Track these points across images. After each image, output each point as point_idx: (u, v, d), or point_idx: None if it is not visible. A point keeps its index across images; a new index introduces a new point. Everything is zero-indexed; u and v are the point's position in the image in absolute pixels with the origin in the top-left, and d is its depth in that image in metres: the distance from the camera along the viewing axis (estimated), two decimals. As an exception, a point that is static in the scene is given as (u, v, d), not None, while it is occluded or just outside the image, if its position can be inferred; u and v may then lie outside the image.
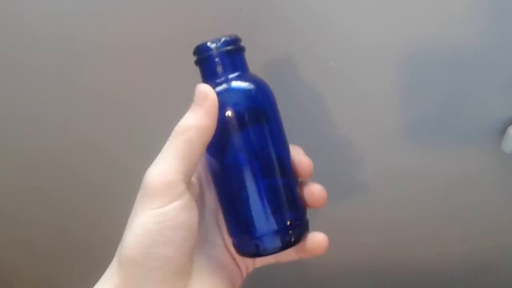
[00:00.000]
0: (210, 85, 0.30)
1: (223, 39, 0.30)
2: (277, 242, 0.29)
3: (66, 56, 0.46)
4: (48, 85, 0.48)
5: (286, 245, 0.30)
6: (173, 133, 0.28)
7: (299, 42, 0.42)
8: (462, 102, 0.45)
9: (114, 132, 0.52)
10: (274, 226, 0.29)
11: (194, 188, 0.31)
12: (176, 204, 0.26)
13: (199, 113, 0.28)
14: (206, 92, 0.29)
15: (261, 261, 0.34)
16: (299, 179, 0.33)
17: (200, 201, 0.32)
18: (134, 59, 0.45)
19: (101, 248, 0.59)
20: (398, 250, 0.61)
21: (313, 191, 0.31)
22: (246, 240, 0.30)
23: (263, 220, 0.29)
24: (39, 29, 0.44)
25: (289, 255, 0.32)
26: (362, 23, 0.40)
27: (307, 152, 0.33)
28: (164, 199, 0.26)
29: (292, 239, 0.30)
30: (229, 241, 0.33)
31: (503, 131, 0.45)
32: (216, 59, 0.30)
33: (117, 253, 0.28)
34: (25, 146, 0.54)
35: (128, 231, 0.27)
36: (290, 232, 0.30)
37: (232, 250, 0.33)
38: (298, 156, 0.32)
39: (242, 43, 0.31)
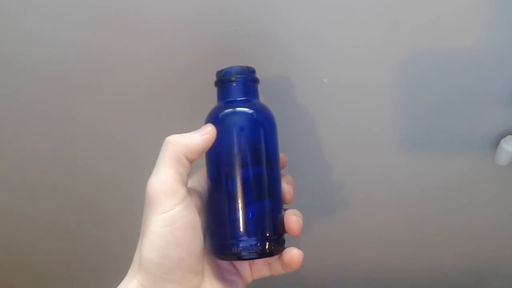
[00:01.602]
0: (222, 103, 0.35)
1: (241, 68, 0.35)
2: (255, 251, 0.33)
3: (68, 92, 0.47)
4: (47, 116, 0.49)
5: (262, 255, 0.33)
6: (163, 143, 0.32)
7: (292, 59, 0.42)
8: (456, 115, 0.45)
9: (111, 161, 0.53)
10: (254, 237, 0.33)
11: (196, 197, 0.34)
12: (179, 207, 0.30)
13: (192, 136, 0.32)
14: (210, 129, 0.33)
15: (258, 273, 0.37)
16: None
17: (203, 214, 0.35)
18: (134, 85, 0.45)
19: (103, 271, 0.58)
20: (393, 263, 0.61)
21: (290, 222, 0.34)
22: (228, 244, 0.33)
23: (247, 230, 0.33)
24: (39, 66, 0.45)
25: (277, 269, 0.36)
26: (355, 38, 0.40)
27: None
28: (169, 204, 0.30)
29: (268, 250, 0.33)
30: None
31: (496, 144, 0.45)
32: (232, 83, 0.35)
33: (135, 258, 0.32)
34: (25, 172, 0.55)
35: (144, 237, 0.30)
36: (268, 244, 0.33)
37: (235, 262, 0.37)
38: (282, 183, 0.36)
39: (256, 75, 0.36)
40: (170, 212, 0.30)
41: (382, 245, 0.58)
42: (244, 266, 0.37)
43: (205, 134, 0.33)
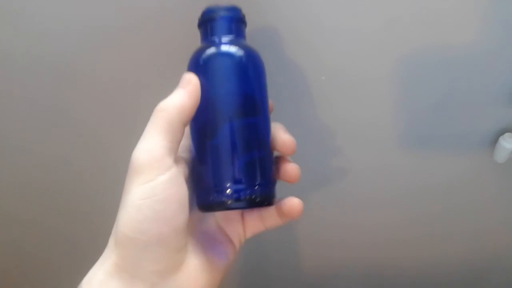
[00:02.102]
0: (205, 42, 0.32)
1: (225, 6, 0.33)
2: (242, 199, 0.31)
3: (63, 90, 0.46)
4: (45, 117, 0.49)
5: (250, 204, 0.31)
6: (154, 112, 0.28)
7: (293, 49, 0.42)
8: (454, 113, 0.45)
9: (108, 161, 0.52)
10: (242, 185, 0.31)
11: (185, 166, 0.31)
12: (163, 178, 0.26)
13: (180, 94, 0.29)
14: (190, 77, 0.30)
15: (251, 230, 0.35)
16: (282, 155, 0.34)
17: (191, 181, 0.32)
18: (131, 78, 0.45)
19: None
20: (392, 261, 0.61)
21: (288, 169, 0.32)
22: (214, 194, 0.31)
23: (234, 179, 0.31)
24: (36, 64, 0.44)
25: (273, 220, 0.34)
26: (353, 33, 0.40)
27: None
28: (151, 173, 0.26)
29: (256, 200, 0.31)
30: (220, 218, 0.34)
31: (494, 142, 0.45)
32: (217, 21, 0.32)
33: (112, 233, 0.28)
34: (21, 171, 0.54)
35: (121, 209, 0.27)
36: (256, 194, 0.31)
37: (224, 225, 0.34)
38: (279, 133, 0.33)
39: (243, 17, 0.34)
40: (151, 183, 0.26)
41: (380, 243, 0.58)
42: (235, 225, 0.34)
43: (189, 86, 0.29)
